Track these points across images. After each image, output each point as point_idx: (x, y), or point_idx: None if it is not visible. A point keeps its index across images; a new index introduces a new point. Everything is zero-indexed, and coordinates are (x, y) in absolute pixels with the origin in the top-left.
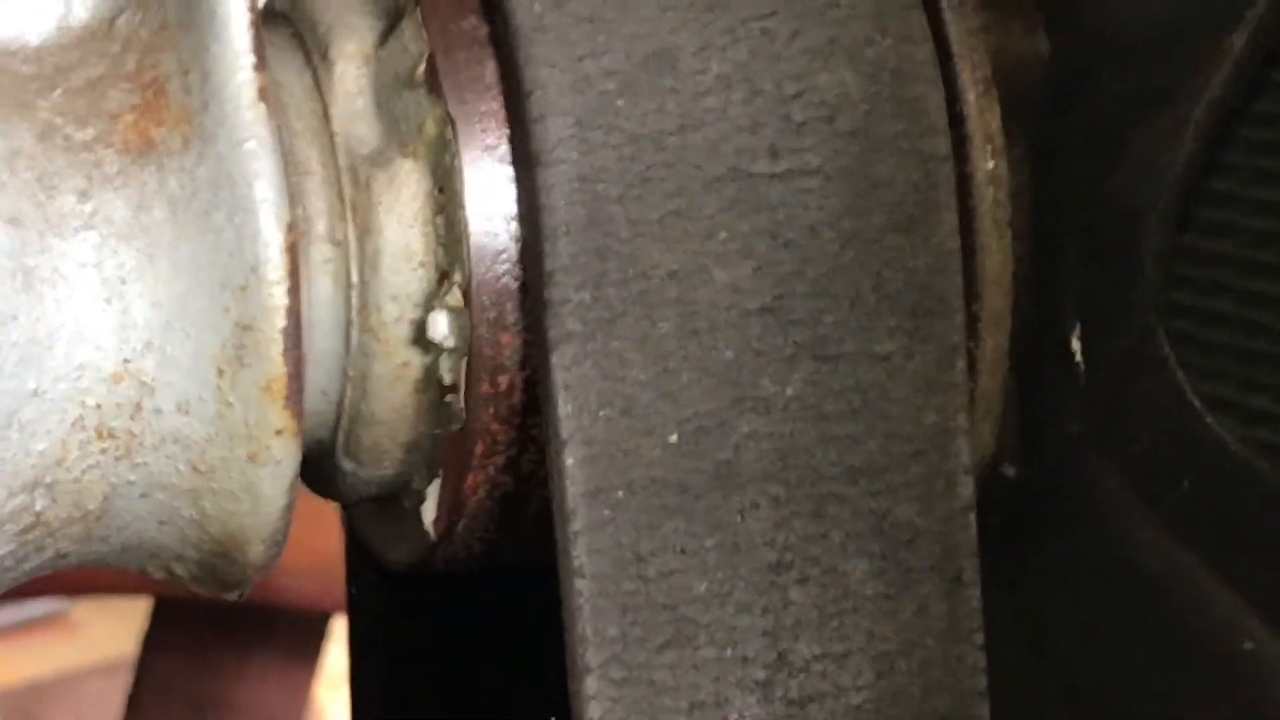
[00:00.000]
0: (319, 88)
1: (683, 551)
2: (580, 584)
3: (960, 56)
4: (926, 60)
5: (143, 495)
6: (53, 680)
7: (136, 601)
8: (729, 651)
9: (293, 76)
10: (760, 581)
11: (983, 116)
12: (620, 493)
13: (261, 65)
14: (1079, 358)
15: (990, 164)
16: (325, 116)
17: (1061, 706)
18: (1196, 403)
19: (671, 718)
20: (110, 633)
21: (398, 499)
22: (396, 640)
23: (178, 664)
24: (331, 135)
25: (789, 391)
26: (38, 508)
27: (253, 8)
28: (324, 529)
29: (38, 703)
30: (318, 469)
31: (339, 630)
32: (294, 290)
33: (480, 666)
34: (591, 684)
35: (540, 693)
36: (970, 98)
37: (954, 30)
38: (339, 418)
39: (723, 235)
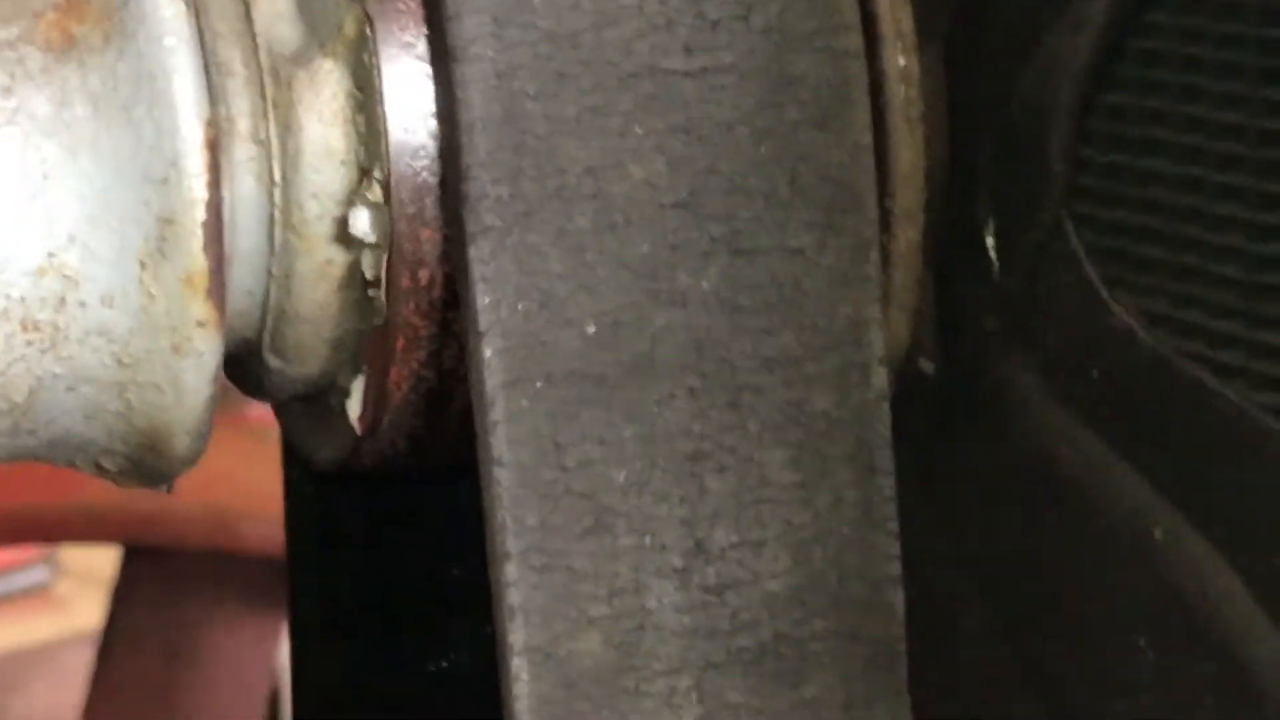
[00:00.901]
0: None
1: (601, 441)
2: (500, 473)
3: None
4: None
5: (69, 389)
6: (34, 651)
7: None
8: (647, 539)
9: None
10: (678, 471)
11: (894, 14)
12: (539, 383)
13: None
14: (993, 254)
15: (902, 61)
16: (247, 18)
17: (978, 598)
18: (1104, 293)
19: (590, 603)
20: (91, 605)
21: (324, 397)
22: (331, 542)
23: (147, 614)
24: (254, 36)
25: (705, 285)
26: None
27: None
28: None
29: (19, 672)
30: (245, 368)
31: None
32: (214, 184)
33: (413, 564)
34: (511, 570)
35: (472, 584)
36: (885, 29)
37: None
38: (264, 316)
39: (638, 131)
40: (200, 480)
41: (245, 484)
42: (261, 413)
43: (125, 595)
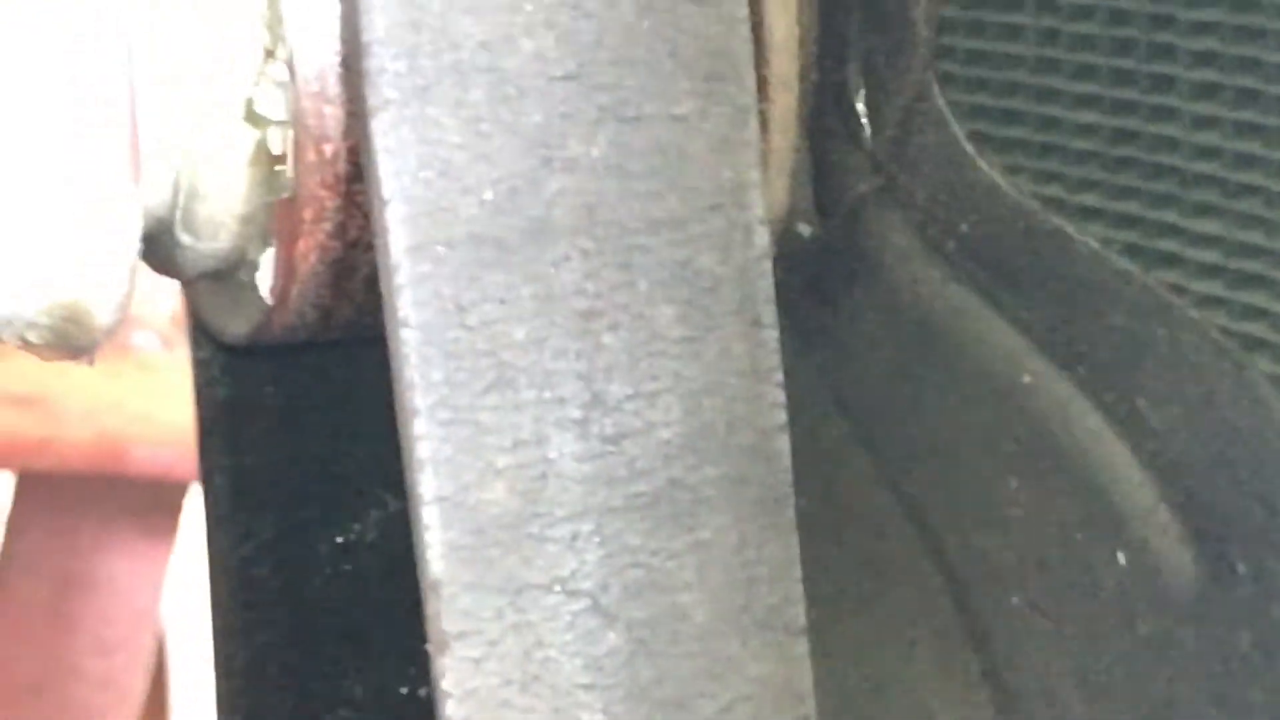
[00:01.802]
0: None
1: (501, 301)
2: (406, 333)
3: None
4: None
5: None
6: None
7: None
8: (547, 393)
9: None
10: (574, 328)
11: None
12: (440, 248)
13: None
14: (864, 118)
15: None
16: None
17: (859, 445)
18: (969, 149)
19: (495, 455)
20: None
21: (234, 272)
22: (239, 420)
23: (41, 543)
24: None
25: (594, 152)
26: None
27: None
28: (176, 400)
29: None
30: (158, 246)
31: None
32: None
33: (318, 439)
34: (420, 425)
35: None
36: None
37: None
38: (176, 194)
39: (528, 8)
40: (89, 408)
41: (134, 411)
42: (147, 342)
43: (19, 526)
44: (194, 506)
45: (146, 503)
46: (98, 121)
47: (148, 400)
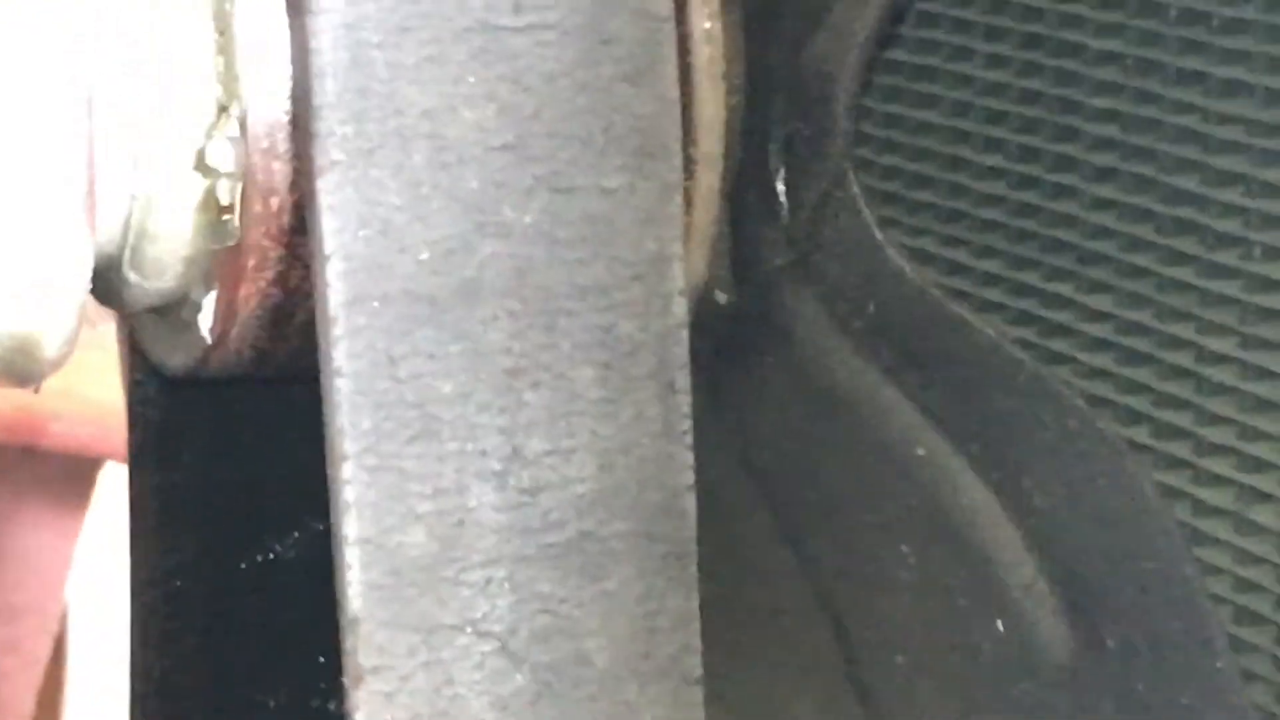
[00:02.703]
0: None
1: (431, 356)
2: (339, 382)
3: None
4: None
5: None
6: None
7: None
8: (469, 445)
9: None
10: (498, 384)
11: (705, 27)
12: (376, 303)
13: None
14: (783, 198)
15: (707, 24)
16: None
17: (763, 506)
18: (879, 236)
19: (417, 501)
20: None
21: (177, 309)
22: (171, 441)
23: None
24: None
25: (527, 219)
26: None
27: None
28: (94, 377)
29: None
30: (104, 282)
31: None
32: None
33: (246, 463)
34: (347, 470)
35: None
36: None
37: None
38: (125, 234)
39: (471, 80)
40: None
41: (53, 385)
42: None
43: None
44: (108, 482)
45: (61, 476)
46: (56, 163)
47: (66, 376)
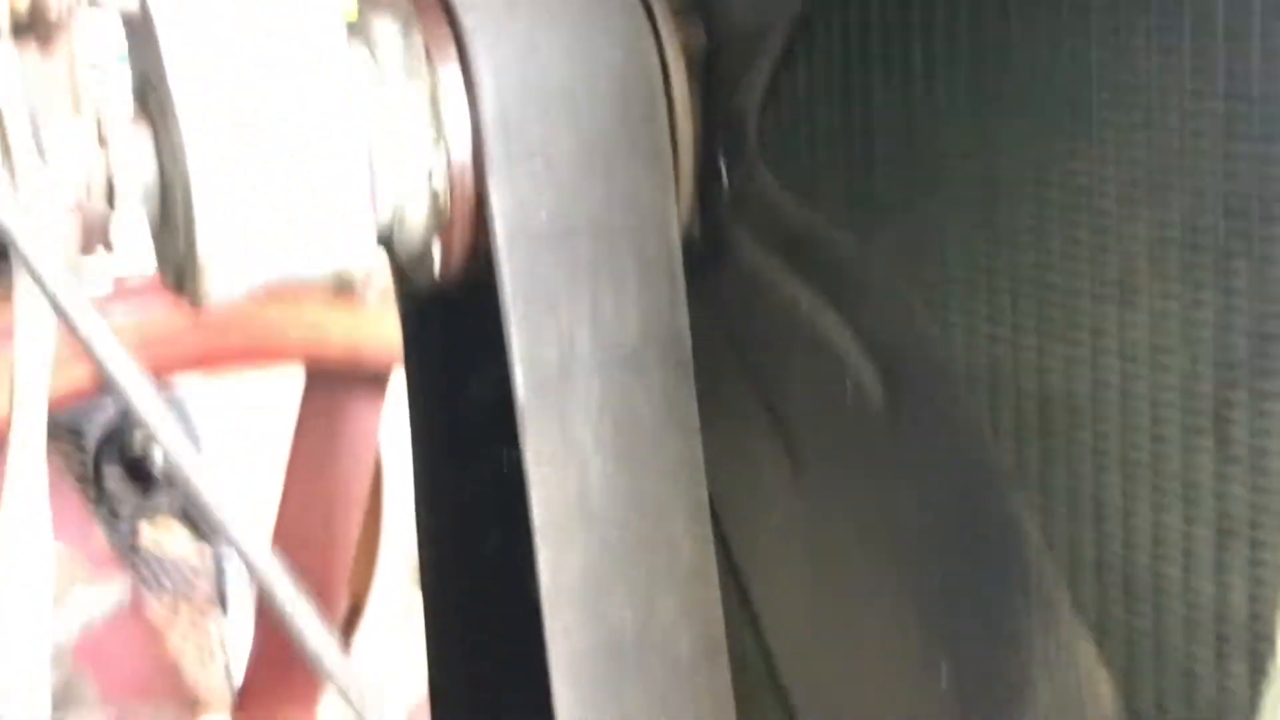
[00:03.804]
0: None
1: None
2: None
3: (666, 40)
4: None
5: None
6: None
7: None
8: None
9: None
10: None
11: (682, 84)
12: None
13: None
14: (725, 175)
15: (682, 91)
16: None
17: (739, 361)
18: (780, 193)
19: None
20: None
21: (421, 258)
22: (424, 336)
23: None
24: None
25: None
26: None
27: None
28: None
29: None
30: (386, 244)
31: None
32: None
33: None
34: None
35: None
36: (674, 69)
37: (663, 28)
38: (392, 221)
39: None
40: None
41: (368, 328)
42: None
43: None
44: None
45: (371, 378)
46: (353, 180)
47: (377, 323)
